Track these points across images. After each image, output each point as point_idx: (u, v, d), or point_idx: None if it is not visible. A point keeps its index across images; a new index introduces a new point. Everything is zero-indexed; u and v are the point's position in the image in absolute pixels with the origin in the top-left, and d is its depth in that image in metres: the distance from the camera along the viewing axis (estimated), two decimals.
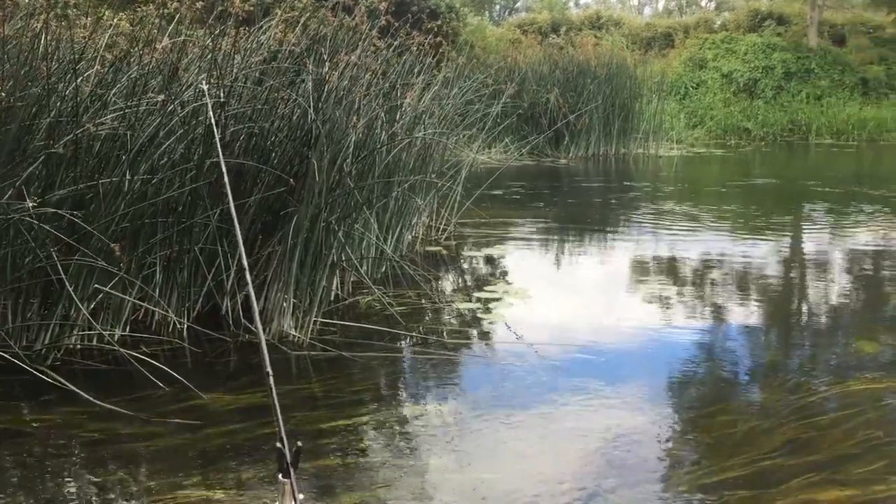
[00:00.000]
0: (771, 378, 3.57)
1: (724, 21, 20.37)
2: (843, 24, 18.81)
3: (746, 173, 11.97)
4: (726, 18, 20.50)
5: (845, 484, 2.56)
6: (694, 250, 6.18)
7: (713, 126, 16.29)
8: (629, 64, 13.67)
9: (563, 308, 4.72)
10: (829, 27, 18.77)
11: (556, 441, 2.91)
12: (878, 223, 7.41)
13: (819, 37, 18.04)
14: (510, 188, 9.28)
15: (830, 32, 18.69)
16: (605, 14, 21.36)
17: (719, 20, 20.57)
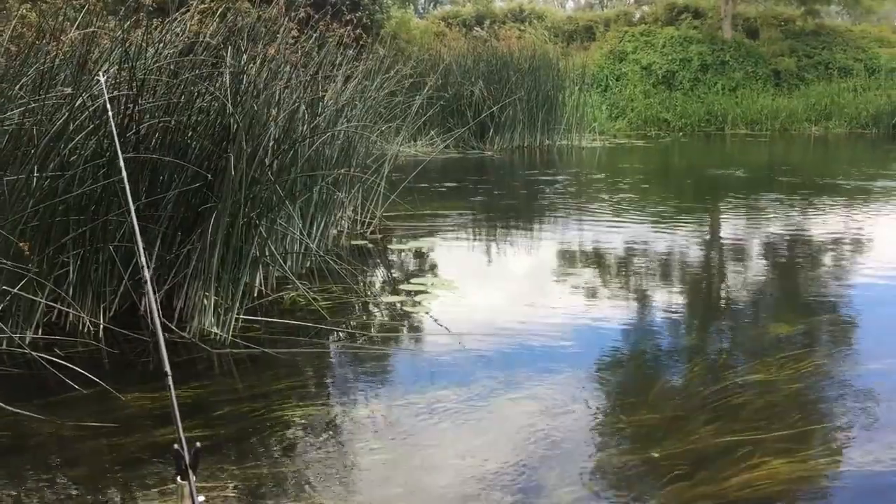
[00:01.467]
0: (693, 362, 3.67)
1: (642, 14, 20.80)
2: (756, 18, 19.44)
3: (667, 163, 12.29)
4: (645, 12, 20.93)
5: (770, 463, 2.65)
6: (618, 239, 6.31)
7: (634, 117, 16.66)
8: (552, 57, 13.86)
9: (491, 299, 4.76)
10: (742, 20, 19.37)
11: (487, 431, 2.93)
12: (791, 209, 7.71)
13: (733, 30, 18.62)
14: (436, 181, 9.30)
15: (744, 25, 19.29)
16: (528, 7, 21.54)
17: (638, 13, 21.00)
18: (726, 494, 2.45)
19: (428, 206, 7.51)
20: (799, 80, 17.57)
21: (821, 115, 16.55)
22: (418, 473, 2.62)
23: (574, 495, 2.47)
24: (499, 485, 2.52)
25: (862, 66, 17.61)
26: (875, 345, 3.87)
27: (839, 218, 7.23)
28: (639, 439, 2.86)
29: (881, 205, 8.10)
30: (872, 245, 6.23)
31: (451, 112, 12.64)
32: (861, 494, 2.48)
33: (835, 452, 2.76)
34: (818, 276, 5.39)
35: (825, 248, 6.10)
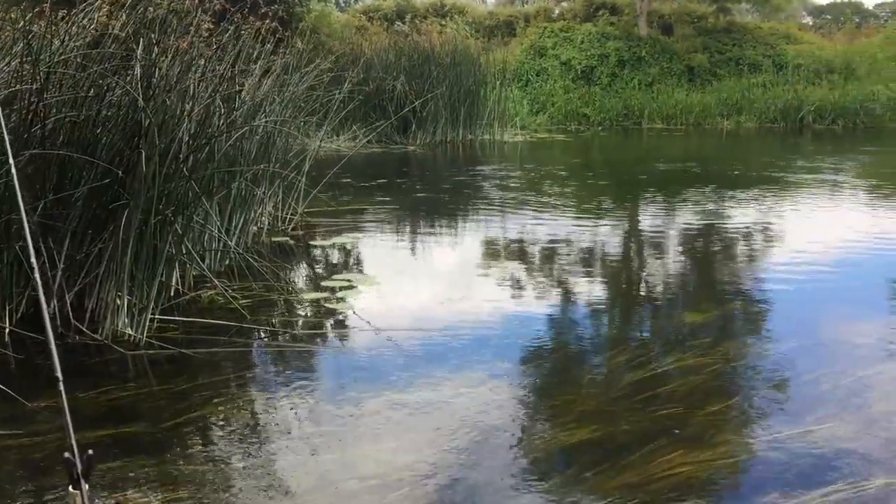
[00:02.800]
0: (614, 351, 3.75)
1: (561, 11, 21.11)
2: (670, 15, 19.95)
3: (588, 157, 12.52)
4: (564, 8, 21.25)
5: (690, 446, 2.73)
6: (541, 232, 6.39)
7: (555, 112, 16.89)
8: (473, 52, 13.93)
9: (415, 294, 4.76)
10: (657, 17, 19.85)
11: (411, 425, 2.93)
12: (706, 201, 7.95)
13: (648, 26, 19.06)
14: (359, 176, 9.24)
15: (659, 22, 19.77)
16: (449, 2, 21.60)
17: (557, 10, 21.30)
18: (649, 480, 2.52)
19: (351, 202, 7.47)
20: (711, 75, 18.13)
21: (732, 109, 17.11)
22: (343, 471, 2.60)
23: (501, 486, 2.49)
24: (426, 479, 2.53)
25: (770, 62, 18.27)
26: (785, 329, 4.03)
27: (751, 209, 7.50)
28: (563, 428, 2.91)
29: (790, 196, 8.43)
30: (783, 234, 6.49)
31: (373, 107, 12.57)
32: (777, 473, 2.58)
33: (750, 434, 2.87)
34: (732, 266, 5.59)
35: (739, 238, 6.32)
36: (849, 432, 2.84)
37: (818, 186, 9.02)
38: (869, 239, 6.18)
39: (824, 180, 9.45)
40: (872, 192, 8.74)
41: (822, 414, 3.00)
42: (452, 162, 11.57)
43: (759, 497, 2.43)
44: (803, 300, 4.61)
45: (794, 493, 2.43)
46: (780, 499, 2.41)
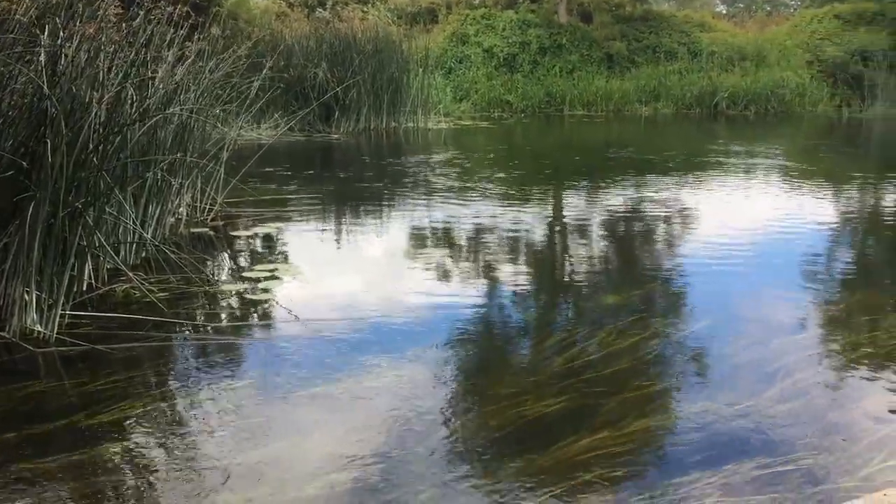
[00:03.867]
0: (539, 334, 3.81)
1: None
2: (589, 3, 20.22)
3: (511, 144, 12.61)
4: None
5: (615, 424, 2.80)
6: (466, 219, 6.41)
7: (478, 99, 16.96)
8: (395, 39, 13.85)
9: (340, 283, 4.72)
10: (577, 4, 20.10)
11: (338, 415, 2.91)
12: (627, 186, 8.12)
13: (568, 14, 19.30)
14: (281, 165, 9.10)
15: (578, 10, 20.03)
16: None
17: None
18: (574, 459, 2.57)
19: (273, 192, 7.35)
20: (630, 63, 18.48)
21: (650, 96, 17.51)
22: (269, 463, 2.56)
23: (427, 473, 2.50)
24: (353, 467, 2.52)
25: (686, 49, 18.73)
26: (704, 308, 4.16)
27: (670, 193, 7.70)
28: (490, 412, 2.94)
29: (707, 180, 8.69)
30: (701, 217, 6.67)
31: (295, 95, 12.40)
32: (698, 448, 2.66)
33: (672, 411, 2.96)
34: (653, 248, 5.73)
35: (659, 221, 6.47)
36: (767, 406, 2.95)
37: (733, 170, 9.32)
38: (782, 220, 6.43)
39: (739, 164, 9.76)
40: (784, 176, 9.07)
41: (741, 389, 3.11)
42: (377, 150, 11.51)
43: (682, 472, 2.50)
44: (721, 280, 4.76)
45: (715, 467, 2.52)
46: (702, 473, 2.48)
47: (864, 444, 2.66)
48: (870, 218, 6.85)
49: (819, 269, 5.08)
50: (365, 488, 2.41)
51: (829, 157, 10.95)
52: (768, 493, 2.37)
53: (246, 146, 8.38)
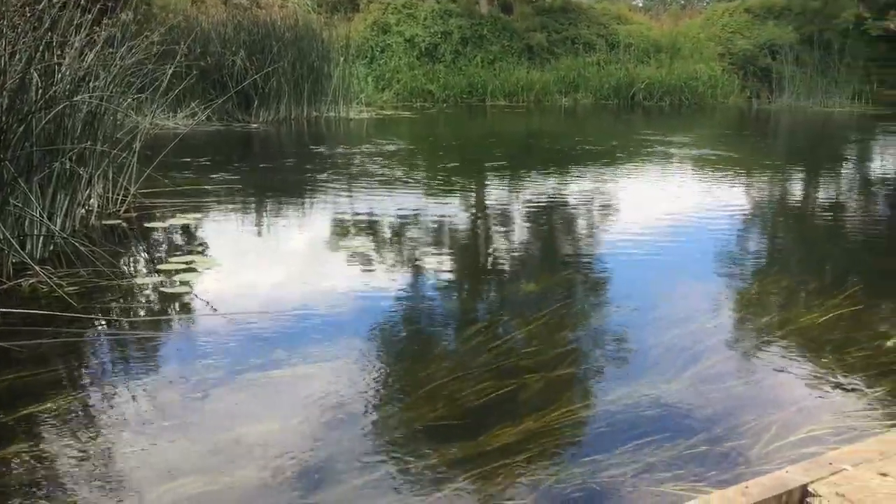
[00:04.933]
0: (462, 323, 3.82)
1: None
2: None
3: (434, 134, 12.63)
4: None
5: (538, 411, 2.83)
6: (389, 209, 6.38)
7: (400, 89, 16.91)
8: (315, 27, 13.67)
9: (260, 275, 4.63)
10: None
11: (259, 409, 2.86)
12: (548, 175, 8.23)
13: (489, 4, 19.40)
14: (199, 154, 8.87)
15: (499, 1, 20.15)
16: None
17: None
18: (496, 446, 2.59)
19: (190, 182, 7.16)
20: (550, 54, 18.72)
21: (570, 87, 17.80)
22: (187, 459, 2.50)
23: (350, 466, 2.48)
24: (281, 460, 2.48)
25: (604, 41, 19.09)
26: (624, 295, 4.25)
27: (590, 182, 7.84)
28: (414, 402, 2.93)
29: (626, 170, 8.89)
30: (620, 207, 6.81)
31: (212, 83, 12.12)
32: (618, 432, 2.72)
33: (594, 396, 3.02)
34: (574, 237, 5.82)
35: (580, 210, 6.58)
36: (684, 390, 3.04)
37: (651, 160, 9.55)
38: (697, 208, 6.63)
39: (656, 154, 10.02)
40: (699, 165, 9.35)
41: (659, 374, 3.19)
42: (298, 139, 11.35)
43: (602, 455, 2.55)
44: (640, 268, 4.88)
45: (633, 450, 2.58)
46: (621, 456, 2.54)
47: (775, 425, 2.77)
48: (779, 205, 7.13)
49: (733, 254, 5.26)
50: (288, 480, 2.38)
51: (741, 147, 11.34)
52: (683, 474, 2.44)
53: (162, 135, 8.13)
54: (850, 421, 2.79)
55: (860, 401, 2.97)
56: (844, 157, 10.57)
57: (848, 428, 2.72)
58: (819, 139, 12.74)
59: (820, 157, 10.48)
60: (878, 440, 2.00)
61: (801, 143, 12.44)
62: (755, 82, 18.39)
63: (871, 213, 6.84)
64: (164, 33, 7.42)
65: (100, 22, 5.46)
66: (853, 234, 5.97)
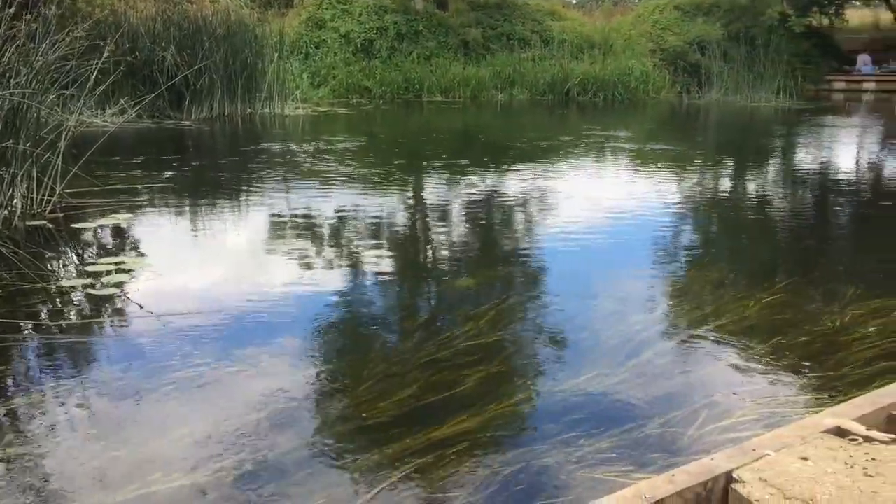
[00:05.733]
0: (401, 320, 3.83)
1: None
2: None
3: (371, 130, 12.57)
4: None
5: (478, 408, 2.84)
6: (327, 207, 6.33)
7: (336, 85, 16.80)
8: (248, 22, 13.47)
9: (195, 276, 4.55)
10: None
11: (198, 412, 2.81)
12: (486, 171, 8.28)
13: (425, 1, 19.41)
14: (129, 153, 8.66)
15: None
16: None
17: None
18: (437, 441, 2.60)
19: (120, 181, 6.99)
20: (485, 50, 18.83)
21: (505, 83, 17.93)
22: (119, 463, 2.44)
23: (290, 468, 2.47)
24: (219, 464, 2.45)
25: (538, 37, 19.29)
26: (562, 289, 4.31)
27: (527, 177, 7.92)
28: (354, 400, 2.93)
29: (562, 164, 9.00)
30: (557, 201, 6.88)
31: (142, 79, 11.85)
32: (557, 423, 2.76)
33: (533, 389, 3.05)
34: (512, 232, 5.86)
35: (518, 205, 6.64)
36: (619, 380, 3.10)
37: (586, 154, 9.70)
38: (632, 201, 6.76)
39: (591, 148, 10.18)
40: (633, 159, 9.53)
41: (595, 366, 3.24)
42: (232, 136, 11.17)
43: (542, 446, 2.59)
44: (577, 261, 4.95)
45: (572, 440, 2.62)
46: (557, 445, 2.59)
47: (705, 412, 2.85)
48: (712, 197, 7.32)
49: (667, 246, 5.38)
50: (228, 482, 2.35)
51: (673, 141, 11.60)
52: (616, 461, 2.50)
53: (90, 133, 7.90)
54: (775, 407, 2.89)
55: (785, 387, 3.08)
56: (771, 149, 10.90)
57: (773, 414, 2.82)
58: (747, 133, 13.12)
59: (748, 150, 10.79)
60: (799, 425, 2.07)
61: (730, 136, 12.78)
62: (685, 77, 18.83)
63: (799, 204, 7.08)
64: (90, 28, 7.21)
65: (20, 16, 5.28)
66: (781, 225, 6.18)
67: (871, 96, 18.76)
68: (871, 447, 1.95)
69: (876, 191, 7.83)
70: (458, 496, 2.32)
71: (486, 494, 2.33)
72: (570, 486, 2.37)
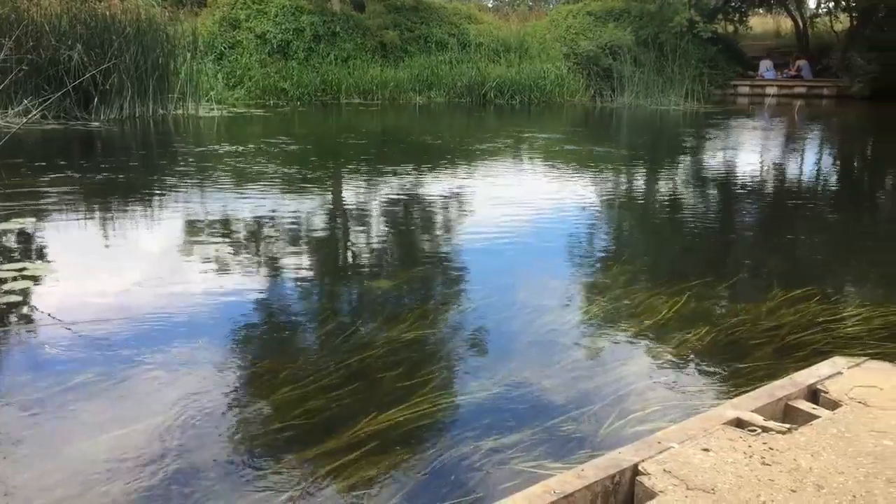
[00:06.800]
0: (320, 323, 3.82)
1: None
2: None
3: (288, 132, 12.40)
4: None
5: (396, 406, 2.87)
6: (242, 210, 6.24)
7: (252, 87, 16.52)
8: (160, 22, 13.13)
9: (104, 282, 4.41)
10: None
11: (109, 421, 2.75)
12: (405, 173, 8.30)
13: (341, 2, 19.29)
14: (33, 156, 8.34)
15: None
16: None
17: None
18: (351, 440, 2.62)
19: (24, 184, 6.72)
20: (403, 52, 18.84)
21: (423, 85, 18.00)
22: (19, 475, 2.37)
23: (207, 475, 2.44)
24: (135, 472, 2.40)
25: (455, 40, 19.42)
26: (479, 290, 4.37)
27: (445, 179, 7.98)
28: (275, 404, 2.91)
29: (480, 166, 9.10)
30: (474, 202, 6.96)
31: (47, 79, 11.40)
32: (479, 419, 2.82)
33: (453, 388, 3.10)
34: (431, 234, 5.91)
35: (436, 206, 6.69)
36: (540, 378, 3.17)
37: (503, 156, 9.84)
38: (548, 202, 6.89)
39: (508, 150, 10.32)
40: (549, 162, 9.72)
41: (510, 364, 3.32)
42: (143, 138, 10.87)
43: (459, 441, 2.65)
44: (495, 262, 5.03)
45: (489, 435, 2.68)
46: (476, 440, 2.65)
47: (618, 407, 2.95)
48: (623, 196, 7.54)
49: (583, 246, 5.52)
50: (144, 491, 2.31)
51: (587, 143, 11.87)
52: (535, 456, 2.57)
53: None
54: (683, 400, 3.02)
55: (692, 381, 3.21)
56: (682, 151, 11.28)
57: (680, 407, 2.95)
58: (659, 135, 13.53)
59: (660, 152, 11.14)
60: (701, 418, 2.18)
61: (642, 139, 13.16)
62: (598, 81, 19.27)
63: (707, 203, 7.36)
64: None
65: None
66: (691, 223, 6.41)
67: (774, 100, 19.61)
68: (769, 437, 2.07)
69: (779, 189, 8.21)
70: (377, 494, 2.35)
71: (406, 491, 2.36)
72: (485, 477, 2.42)
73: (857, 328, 3.77)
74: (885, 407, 2.25)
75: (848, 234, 6.20)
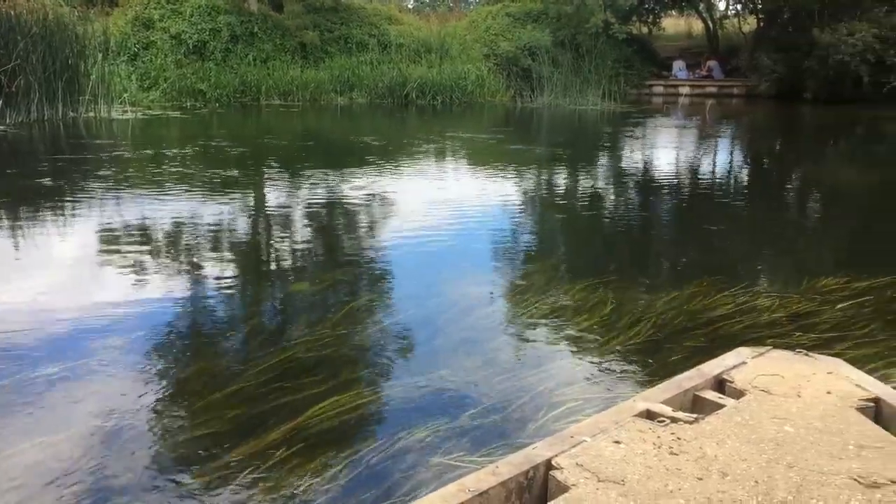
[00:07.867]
0: (244, 328, 3.79)
1: None
2: None
3: (206, 134, 12.18)
4: None
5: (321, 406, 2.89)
6: (159, 214, 6.11)
7: (168, 88, 16.13)
8: (68, 22, 12.69)
9: (14, 291, 4.26)
10: None
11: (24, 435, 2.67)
12: (327, 175, 8.25)
13: (260, 2, 19.01)
14: None
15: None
16: None
17: None
18: (271, 447, 2.61)
19: None
20: (323, 53, 18.70)
21: (345, 86, 17.90)
22: None
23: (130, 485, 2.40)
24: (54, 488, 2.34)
25: (376, 41, 19.37)
26: (404, 290, 4.42)
27: (368, 179, 7.97)
28: (200, 409, 2.89)
29: (401, 166, 9.11)
30: (397, 204, 6.97)
31: None
32: (403, 414, 2.88)
33: (380, 384, 3.16)
34: (354, 236, 5.91)
35: (359, 208, 6.68)
36: (466, 374, 3.23)
37: (426, 156, 9.88)
38: (471, 202, 6.96)
39: (430, 151, 10.36)
40: (472, 162, 9.80)
41: (438, 362, 3.36)
42: (53, 142, 10.49)
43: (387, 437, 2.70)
44: (419, 263, 5.06)
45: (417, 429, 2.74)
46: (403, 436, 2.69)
47: (539, 402, 3.03)
48: (545, 196, 7.67)
49: (506, 245, 5.60)
50: None
51: (509, 142, 12.01)
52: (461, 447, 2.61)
53: None
54: (600, 394, 3.11)
55: (609, 376, 3.31)
56: (600, 148, 11.54)
57: (597, 400, 3.04)
58: (578, 134, 13.79)
59: (581, 151, 11.36)
60: (613, 411, 2.25)
61: (561, 137, 13.39)
62: (518, 82, 19.51)
63: (626, 200, 7.55)
64: None
65: None
66: (610, 218, 6.58)
67: (687, 99, 20.23)
68: (677, 427, 2.15)
69: (693, 184, 8.48)
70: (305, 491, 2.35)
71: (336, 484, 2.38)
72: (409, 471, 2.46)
73: (766, 317, 3.94)
74: (787, 394, 2.36)
75: (756, 225, 6.46)
